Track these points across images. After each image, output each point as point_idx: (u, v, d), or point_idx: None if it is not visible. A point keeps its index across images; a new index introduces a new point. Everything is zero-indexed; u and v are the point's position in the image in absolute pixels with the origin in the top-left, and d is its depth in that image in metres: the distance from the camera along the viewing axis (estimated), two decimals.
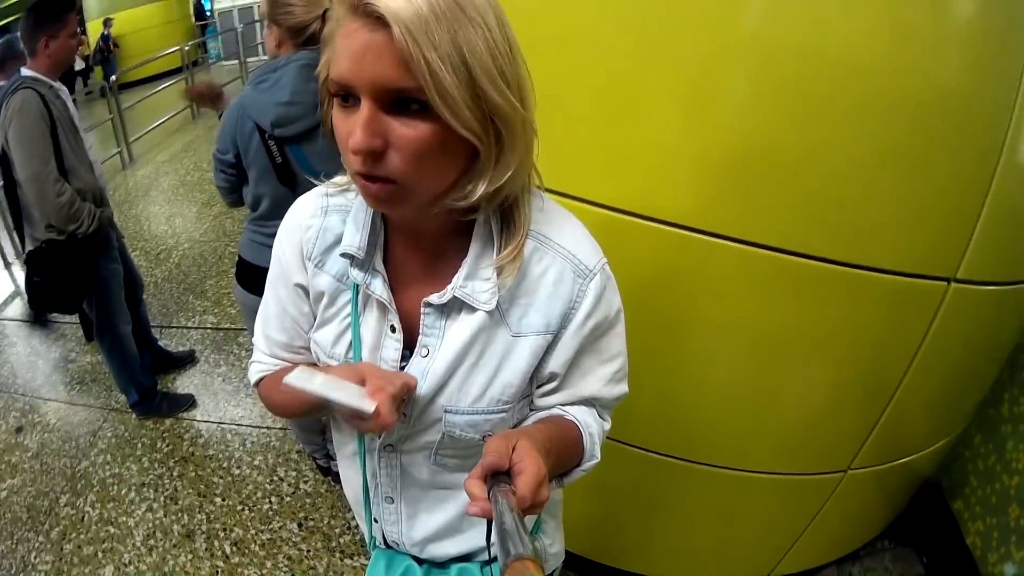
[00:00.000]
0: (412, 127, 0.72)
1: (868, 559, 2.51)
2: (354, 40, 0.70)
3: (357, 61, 0.70)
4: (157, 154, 7.70)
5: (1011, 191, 1.44)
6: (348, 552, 2.55)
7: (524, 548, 0.61)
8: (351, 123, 0.73)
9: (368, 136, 0.72)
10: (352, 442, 1.08)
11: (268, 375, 1.09)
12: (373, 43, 0.69)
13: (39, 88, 2.53)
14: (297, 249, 0.98)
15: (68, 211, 2.56)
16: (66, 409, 3.54)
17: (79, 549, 2.65)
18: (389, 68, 0.69)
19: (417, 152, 0.73)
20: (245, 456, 3.08)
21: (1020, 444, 2.09)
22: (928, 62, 1.29)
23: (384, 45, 0.68)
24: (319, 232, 0.96)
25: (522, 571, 0.60)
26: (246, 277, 2.22)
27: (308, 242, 0.97)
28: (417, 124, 0.72)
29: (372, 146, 0.72)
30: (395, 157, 0.74)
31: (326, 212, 0.97)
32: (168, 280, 4.73)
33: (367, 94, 0.71)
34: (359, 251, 0.90)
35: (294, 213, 1.01)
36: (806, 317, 1.57)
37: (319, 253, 0.96)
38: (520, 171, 0.82)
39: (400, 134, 0.73)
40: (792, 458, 1.86)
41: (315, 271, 0.97)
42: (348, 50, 0.71)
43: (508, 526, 0.65)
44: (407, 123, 0.72)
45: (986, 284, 1.57)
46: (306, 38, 1.96)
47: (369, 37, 0.69)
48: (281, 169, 2.01)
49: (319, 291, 0.98)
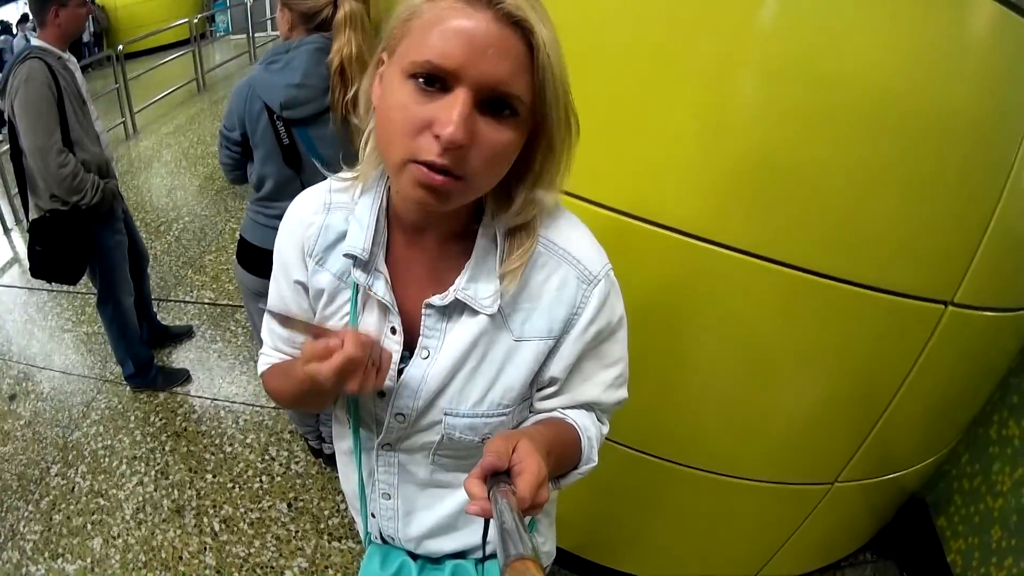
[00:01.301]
0: (501, 131, 0.73)
1: (850, 570, 2.53)
2: (476, 29, 0.69)
3: (475, 52, 0.69)
4: (161, 126, 7.66)
5: (1015, 218, 1.46)
6: (336, 535, 2.57)
7: (524, 548, 0.62)
8: (434, 109, 0.71)
9: (464, 131, 0.70)
10: (349, 439, 1.08)
11: (271, 367, 1.10)
12: (502, 41, 0.69)
13: (47, 59, 2.52)
14: (298, 246, 0.98)
15: (71, 183, 2.56)
16: (60, 378, 3.54)
17: (68, 520, 2.66)
18: (509, 70, 0.70)
19: (499, 155, 0.75)
20: (238, 434, 3.09)
21: (1007, 467, 2.11)
22: (940, 84, 1.30)
23: (511, 46, 0.69)
24: (320, 229, 0.96)
25: (522, 571, 0.60)
26: (247, 257, 2.22)
27: (309, 239, 0.97)
28: (506, 129, 0.73)
29: (465, 141, 0.70)
30: (475, 156, 0.73)
31: (328, 209, 0.96)
32: (167, 253, 4.71)
33: (471, 86, 0.70)
34: (363, 252, 0.90)
35: (296, 209, 1.00)
36: (803, 330, 1.59)
37: (320, 251, 0.96)
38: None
39: (487, 135, 0.73)
40: (781, 467, 1.88)
41: (316, 268, 0.97)
42: (464, 36, 0.69)
43: (508, 526, 0.65)
44: (497, 126, 0.73)
45: (983, 309, 1.59)
46: (318, 23, 1.96)
47: (498, 33, 0.69)
48: (287, 151, 2.02)
49: (319, 288, 0.98)
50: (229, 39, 13.11)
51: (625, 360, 1.03)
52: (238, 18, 12.73)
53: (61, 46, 2.65)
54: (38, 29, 2.62)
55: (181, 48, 9.55)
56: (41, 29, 2.61)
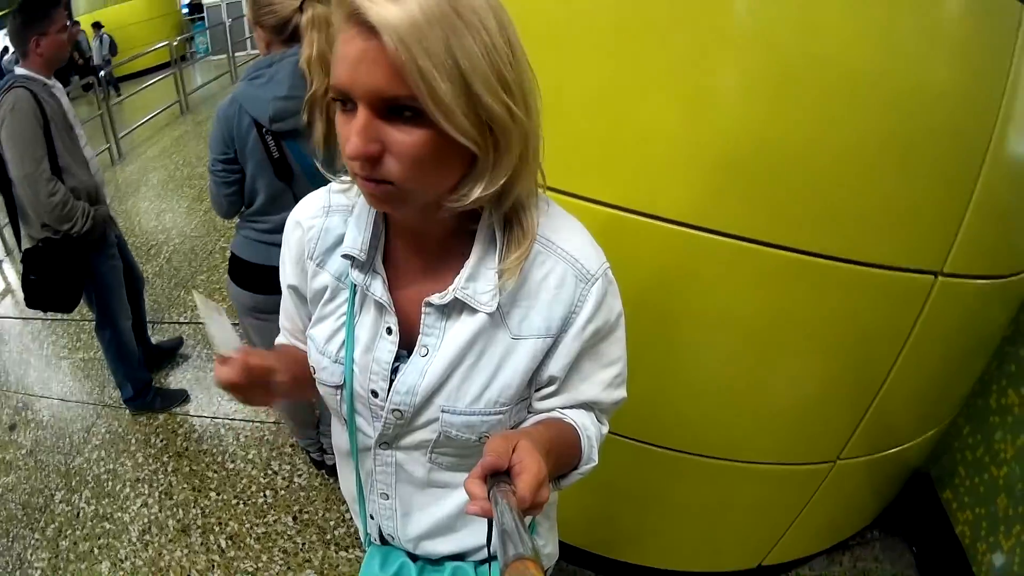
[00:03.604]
0: (408, 133, 0.73)
1: (858, 549, 2.54)
2: (350, 48, 0.71)
3: (353, 69, 0.71)
4: (146, 150, 7.65)
5: (996, 188, 1.47)
6: (343, 545, 2.57)
7: (524, 548, 0.62)
8: (349, 128, 0.74)
9: (364, 143, 0.73)
10: (347, 440, 1.09)
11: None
12: (368, 51, 0.70)
13: (32, 87, 2.52)
14: (298, 249, 1.00)
15: (61, 211, 2.55)
16: (59, 406, 3.53)
17: (75, 546, 2.65)
18: (382, 77, 0.70)
19: (413, 157, 0.74)
20: (239, 450, 3.09)
21: (1008, 435, 2.12)
22: (917, 64, 1.32)
23: (378, 53, 0.69)
24: (320, 232, 0.97)
25: (522, 571, 0.60)
26: (239, 274, 2.22)
27: (310, 242, 0.98)
28: (412, 130, 0.73)
29: (368, 152, 0.73)
30: (392, 162, 0.75)
31: (328, 212, 0.98)
32: (159, 276, 4.71)
33: (363, 101, 0.72)
34: (361, 253, 0.91)
35: (298, 212, 1.02)
36: (797, 310, 1.60)
37: (320, 253, 0.98)
38: (524, 176, 0.83)
39: (396, 140, 0.73)
40: (783, 448, 1.89)
41: (316, 270, 0.98)
42: (345, 58, 0.72)
43: (508, 526, 0.65)
44: (403, 129, 0.73)
45: (972, 278, 1.60)
46: (290, 33, 1.96)
47: (364, 45, 0.70)
48: (278, 164, 2.01)
49: (319, 288, 0.99)
50: (209, 60, 13.11)
51: (624, 359, 1.03)
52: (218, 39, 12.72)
53: (46, 73, 2.65)
54: (20, 60, 2.62)
55: (162, 71, 9.55)
56: (24, 60, 2.60)
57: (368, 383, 0.97)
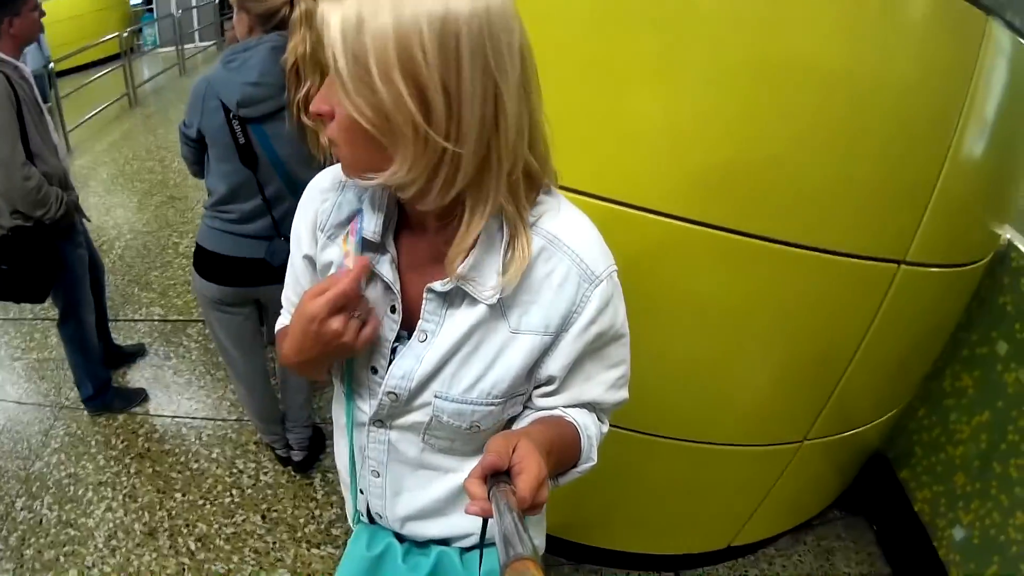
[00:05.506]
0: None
1: (821, 528, 2.62)
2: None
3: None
4: (95, 143, 7.42)
5: (958, 181, 1.54)
6: (315, 542, 2.55)
7: (524, 548, 0.62)
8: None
9: (317, 101, 0.80)
10: (343, 413, 1.09)
11: (282, 328, 1.12)
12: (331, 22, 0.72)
13: (5, 69, 2.42)
14: (311, 220, 1.00)
15: (35, 195, 2.46)
16: (15, 408, 3.41)
17: (40, 554, 2.57)
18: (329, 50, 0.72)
19: (338, 123, 0.77)
20: (202, 449, 3.03)
21: (963, 416, 2.21)
22: (884, 63, 1.38)
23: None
24: (335, 206, 0.97)
25: (522, 571, 0.60)
26: (204, 265, 2.19)
27: (323, 213, 0.98)
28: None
29: (316, 108, 0.80)
30: (332, 125, 0.79)
31: (344, 187, 0.97)
32: (112, 272, 4.56)
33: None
34: (375, 235, 0.90)
35: (315, 183, 1.02)
36: (766, 296, 1.64)
37: (332, 226, 0.97)
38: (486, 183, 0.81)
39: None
40: (752, 430, 1.94)
41: (326, 242, 0.98)
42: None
43: (508, 526, 0.65)
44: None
45: (934, 266, 1.68)
46: (276, 23, 1.94)
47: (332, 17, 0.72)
48: (244, 150, 1.99)
49: (327, 261, 0.99)
50: (157, 53, 12.77)
51: (628, 362, 1.04)
52: (166, 31, 12.40)
53: (16, 55, 2.55)
54: None
55: (110, 64, 9.27)
56: None
57: (368, 360, 0.98)
